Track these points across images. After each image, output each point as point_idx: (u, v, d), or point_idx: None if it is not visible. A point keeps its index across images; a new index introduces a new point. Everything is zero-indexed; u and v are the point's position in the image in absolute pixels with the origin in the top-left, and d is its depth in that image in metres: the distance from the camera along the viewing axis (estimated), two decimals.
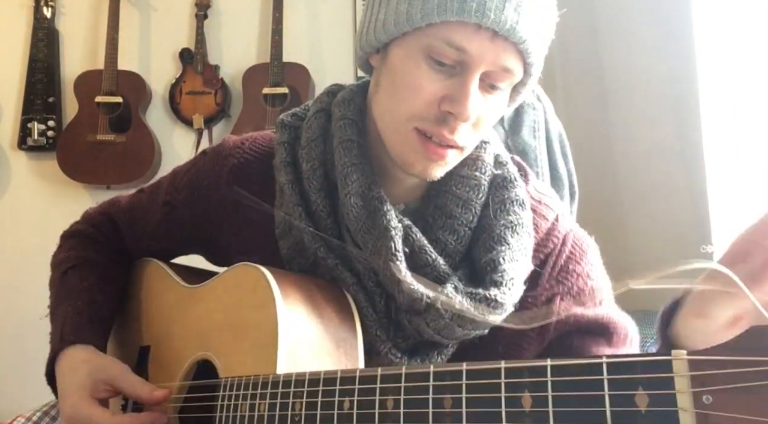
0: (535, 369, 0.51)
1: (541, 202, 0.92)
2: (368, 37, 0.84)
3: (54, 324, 1.01)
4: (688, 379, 0.43)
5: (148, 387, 0.92)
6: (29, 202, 2.77)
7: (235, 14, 2.82)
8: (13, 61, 2.79)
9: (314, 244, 0.87)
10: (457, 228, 0.86)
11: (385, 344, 0.84)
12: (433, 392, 0.58)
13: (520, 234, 0.85)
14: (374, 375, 0.63)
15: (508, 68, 0.78)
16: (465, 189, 0.87)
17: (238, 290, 0.87)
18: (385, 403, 0.61)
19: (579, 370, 0.48)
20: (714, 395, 0.42)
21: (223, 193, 0.96)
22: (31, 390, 2.60)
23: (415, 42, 0.78)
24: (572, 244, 0.91)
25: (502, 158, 0.92)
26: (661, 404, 0.44)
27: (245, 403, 0.77)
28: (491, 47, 0.75)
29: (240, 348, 0.83)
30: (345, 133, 0.87)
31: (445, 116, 0.78)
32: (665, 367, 0.44)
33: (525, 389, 0.51)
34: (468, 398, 0.55)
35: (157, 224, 1.05)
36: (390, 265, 0.81)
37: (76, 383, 0.92)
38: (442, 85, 0.78)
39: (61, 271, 1.08)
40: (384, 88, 0.84)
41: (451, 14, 0.74)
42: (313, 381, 0.69)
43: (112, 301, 1.07)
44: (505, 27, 0.74)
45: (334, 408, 0.66)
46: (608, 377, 0.46)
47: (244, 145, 0.98)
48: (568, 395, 0.49)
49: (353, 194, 0.85)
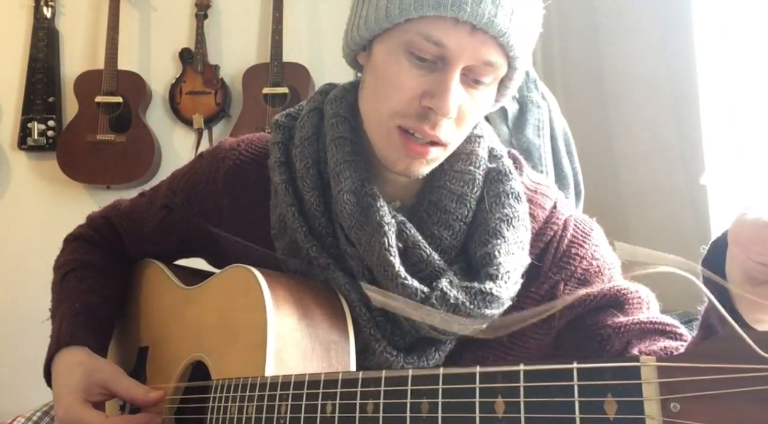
0: (508, 374, 0.51)
1: (536, 192, 0.92)
2: (353, 35, 0.85)
3: (52, 327, 1.02)
4: (657, 386, 0.42)
5: (142, 389, 0.92)
6: (29, 203, 2.77)
7: (235, 14, 2.82)
8: (13, 61, 2.78)
9: (307, 243, 0.87)
10: (452, 223, 0.85)
11: (380, 343, 0.84)
12: (411, 396, 0.57)
13: (516, 227, 0.84)
14: (356, 378, 0.63)
15: (489, 62, 0.77)
16: (459, 184, 0.86)
17: (230, 292, 0.88)
18: (366, 407, 0.61)
19: (550, 375, 0.48)
20: (681, 402, 0.41)
21: (220, 195, 0.97)
22: (31, 390, 2.60)
23: (395, 38, 0.79)
24: (573, 228, 0.90)
25: (497, 152, 0.91)
26: (628, 411, 0.43)
27: (234, 405, 0.77)
28: (470, 41, 0.75)
29: (231, 350, 0.83)
30: (337, 131, 0.88)
31: (426, 112, 0.78)
32: (634, 373, 0.43)
33: (498, 394, 0.51)
34: (444, 403, 0.55)
35: (155, 228, 1.06)
36: (384, 260, 0.81)
37: (70, 385, 0.92)
38: (423, 80, 0.78)
39: (62, 274, 1.08)
40: (368, 85, 0.85)
41: (428, 9, 0.74)
42: (298, 384, 0.69)
43: (110, 304, 1.07)
44: (482, 20, 0.74)
45: (317, 412, 0.66)
46: (578, 383, 0.46)
47: (240, 147, 0.99)
48: (540, 400, 0.48)
49: (346, 191, 0.85)
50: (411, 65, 0.78)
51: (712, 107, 1.69)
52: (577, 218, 0.92)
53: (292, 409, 0.69)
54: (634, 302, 0.86)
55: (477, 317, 0.81)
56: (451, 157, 0.87)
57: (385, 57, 0.80)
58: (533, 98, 1.74)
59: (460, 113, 0.79)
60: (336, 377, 0.66)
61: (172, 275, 1.06)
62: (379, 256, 0.82)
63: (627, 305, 0.86)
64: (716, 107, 1.69)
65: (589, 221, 0.94)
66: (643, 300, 0.87)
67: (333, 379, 0.66)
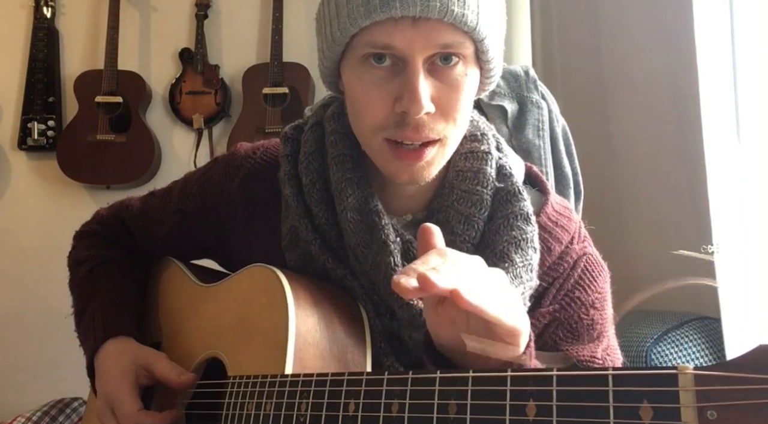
0: (540, 378, 0.50)
1: (557, 224, 0.90)
2: (322, 68, 0.86)
3: (88, 320, 1.02)
4: (694, 394, 0.42)
5: (176, 371, 0.93)
6: (29, 202, 2.77)
7: (235, 14, 2.82)
8: (13, 61, 2.78)
9: (322, 255, 0.87)
10: (459, 245, 0.84)
11: (388, 357, 0.84)
12: (439, 397, 0.57)
13: (524, 249, 0.83)
14: (381, 378, 0.62)
15: (446, 44, 0.75)
16: (467, 205, 0.85)
17: (251, 290, 0.88)
18: (390, 407, 0.60)
19: (584, 381, 0.48)
20: (719, 411, 0.41)
21: (235, 203, 0.97)
22: (31, 390, 2.61)
23: (351, 58, 0.79)
24: (583, 269, 0.89)
25: (507, 170, 0.89)
26: (665, 417, 0.43)
27: (252, 401, 0.77)
28: (416, 33, 0.74)
29: (250, 347, 0.84)
30: (337, 148, 0.88)
31: (403, 117, 0.77)
32: (671, 381, 0.44)
33: (530, 397, 0.51)
34: (473, 405, 0.54)
35: (169, 231, 1.07)
36: (389, 279, 0.81)
37: (120, 368, 0.94)
38: (390, 88, 0.77)
39: (86, 270, 1.09)
40: (349, 108, 0.85)
41: (361, 20, 0.74)
42: (320, 382, 0.69)
43: (138, 297, 1.09)
44: (417, 9, 0.72)
45: (339, 410, 0.65)
46: (613, 389, 0.46)
47: (256, 154, 0.98)
48: (573, 405, 0.48)
49: (350, 209, 0.85)
50: (373, 77, 0.78)
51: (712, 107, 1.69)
52: (588, 258, 0.91)
53: (313, 407, 0.68)
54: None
55: None
56: (458, 175, 0.86)
57: (351, 78, 0.81)
58: (533, 98, 1.73)
59: (441, 104, 0.78)
60: (361, 376, 0.65)
61: (189, 272, 1.07)
62: (385, 275, 0.82)
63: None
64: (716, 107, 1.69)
65: (599, 263, 0.92)
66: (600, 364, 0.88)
67: (357, 378, 0.65)
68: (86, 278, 1.08)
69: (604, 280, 0.91)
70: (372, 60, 0.77)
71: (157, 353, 0.96)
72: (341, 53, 0.81)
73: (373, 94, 0.78)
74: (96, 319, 1.01)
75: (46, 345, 2.61)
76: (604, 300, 0.90)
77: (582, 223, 0.96)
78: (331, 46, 0.80)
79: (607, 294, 0.91)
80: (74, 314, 1.07)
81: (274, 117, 2.62)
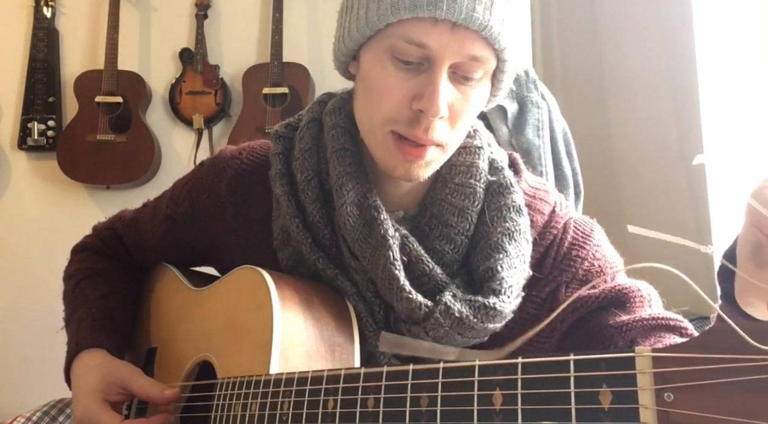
0: (507, 367, 0.51)
1: (535, 197, 0.91)
2: (341, 47, 0.85)
3: (69, 332, 1.03)
4: (651, 376, 0.43)
5: (158, 387, 0.92)
6: (29, 203, 2.77)
7: (235, 14, 2.82)
8: (13, 61, 2.78)
9: (313, 255, 0.87)
10: (453, 237, 0.85)
11: (384, 354, 0.83)
12: (411, 391, 0.58)
13: (517, 240, 0.84)
14: (357, 374, 0.64)
15: (475, 57, 0.77)
16: (460, 197, 0.86)
17: (238, 292, 0.88)
18: (366, 402, 0.62)
19: (548, 367, 0.49)
20: (675, 392, 0.41)
21: (224, 205, 0.97)
22: (31, 390, 2.61)
23: (379, 45, 0.79)
24: (573, 230, 0.90)
25: (498, 163, 0.90)
26: (623, 401, 0.44)
27: (238, 403, 0.78)
28: (452, 38, 0.75)
29: (237, 349, 0.84)
30: (338, 142, 0.87)
31: (418, 115, 0.78)
32: (629, 364, 0.44)
33: (496, 387, 0.52)
34: (443, 397, 0.55)
35: (160, 239, 1.07)
36: (389, 273, 0.81)
37: (89, 385, 0.93)
38: (411, 84, 0.78)
39: (74, 282, 1.09)
40: (360, 94, 0.85)
41: (404, 12, 0.74)
42: (301, 380, 0.70)
43: (124, 308, 1.08)
44: (461, 16, 0.73)
45: (319, 407, 0.66)
46: (575, 375, 0.47)
47: (242, 155, 0.98)
48: (537, 392, 0.49)
49: (349, 204, 0.85)
50: (397, 70, 0.78)
51: (712, 107, 1.69)
52: (576, 219, 0.92)
53: (295, 405, 0.69)
54: (636, 300, 0.85)
55: (480, 330, 0.82)
56: (452, 169, 0.87)
57: (372, 65, 0.80)
58: (533, 98, 1.74)
59: (453, 112, 0.79)
60: (338, 373, 0.66)
61: (182, 277, 1.07)
62: (384, 269, 0.82)
63: (629, 303, 0.85)
64: (716, 107, 1.69)
65: (589, 221, 0.93)
66: (645, 297, 0.86)
67: (335, 375, 0.66)
68: (72, 291, 1.09)
69: (599, 234, 0.92)
70: (398, 59, 0.77)
71: (132, 370, 0.95)
72: (368, 37, 0.80)
73: (394, 87, 0.78)
74: (71, 333, 1.02)
75: (46, 345, 2.61)
76: (606, 250, 0.90)
77: (562, 196, 0.96)
78: (361, 28, 0.79)
79: (607, 244, 0.91)
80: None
81: (274, 117, 2.62)
